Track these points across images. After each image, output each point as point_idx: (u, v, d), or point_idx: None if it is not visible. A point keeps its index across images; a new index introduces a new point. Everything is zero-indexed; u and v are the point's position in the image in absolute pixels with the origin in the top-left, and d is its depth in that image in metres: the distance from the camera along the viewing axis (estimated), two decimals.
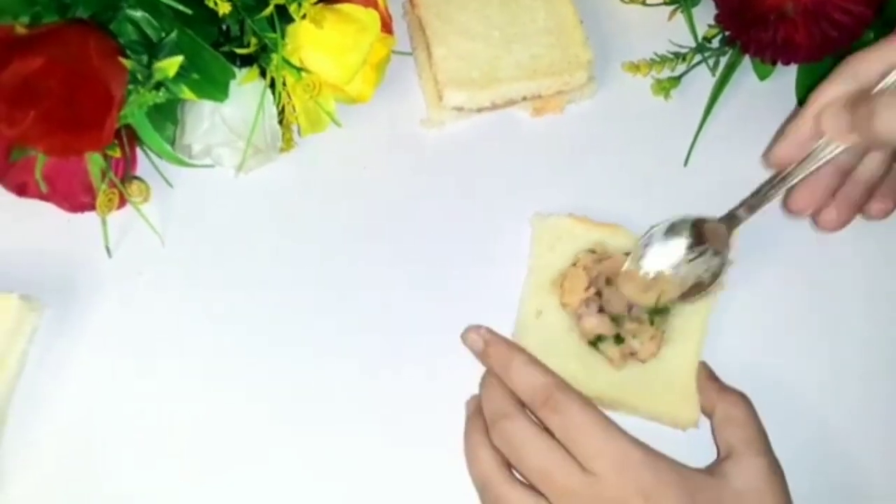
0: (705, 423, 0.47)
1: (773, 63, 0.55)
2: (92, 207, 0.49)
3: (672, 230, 0.49)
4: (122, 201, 0.50)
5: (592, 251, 0.50)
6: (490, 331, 0.47)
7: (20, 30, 0.42)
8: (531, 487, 0.42)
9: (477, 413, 0.45)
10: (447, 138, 0.55)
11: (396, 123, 0.55)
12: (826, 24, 0.52)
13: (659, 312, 0.48)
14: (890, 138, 0.42)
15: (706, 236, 0.48)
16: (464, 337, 0.48)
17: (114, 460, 0.47)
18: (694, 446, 0.45)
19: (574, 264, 0.49)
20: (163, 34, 0.46)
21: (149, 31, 0.46)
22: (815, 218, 0.49)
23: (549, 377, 0.44)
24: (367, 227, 0.53)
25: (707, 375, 0.47)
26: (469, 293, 0.51)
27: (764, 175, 0.53)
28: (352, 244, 0.52)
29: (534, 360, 0.45)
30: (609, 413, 0.43)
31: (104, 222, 0.50)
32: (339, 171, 0.54)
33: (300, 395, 0.48)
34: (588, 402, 0.43)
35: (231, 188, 0.53)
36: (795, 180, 0.46)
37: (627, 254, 0.49)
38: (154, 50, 0.45)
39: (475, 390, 0.48)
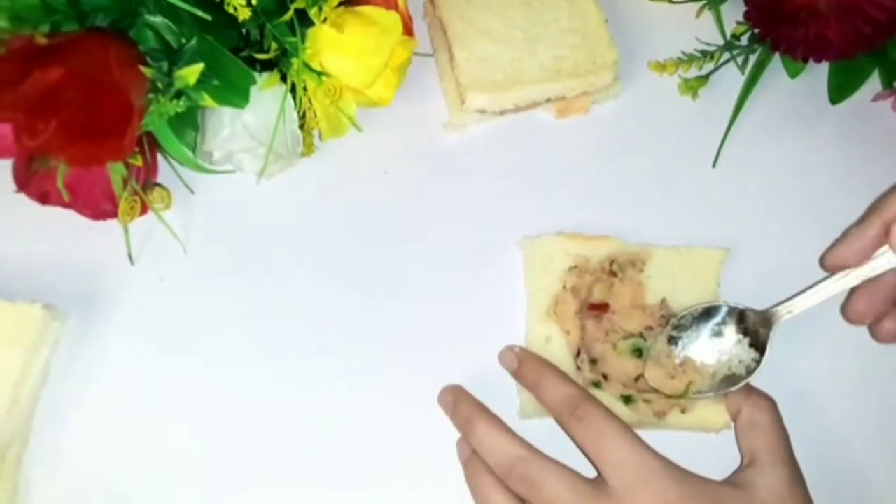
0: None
1: (805, 61, 0.53)
2: (114, 215, 0.49)
3: (707, 315, 0.46)
4: (144, 208, 0.50)
5: (574, 267, 0.49)
6: (524, 349, 0.47)
7: (40, 40, 0.41)
8: None
9: (475, 457, 0.44)
10: (469, 141, 0.55)
11: (418, 127, 0.55)
12: (860, 21, 0.50)
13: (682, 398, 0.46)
14: None
15: (744, 327, 0.46)
16: (500, 356, 0.48)
17: (137, 470, 0.46)
18: (716, 450, 0.45)
19: (564, 287, 0.48)
20: (183, 40, 0.46)
21: (168, 38, 0.46)
22: (872, 328, 0.48)
23: (578, 389, 0.44)
24: (388, 232, 0.52)
25: None
26: (492, 300, 0.50)
27: (794, 179, 0.53)
28: (374, 249, 0.51)
29: (564, 375, 0.45)
30: (638, 432, 0.43)
31: (126, 230, 0.50)
32: (361, 176, 0.53)
33: (321, 398, 0.48)
34: (613, 415, 0.43)
35: (252, 194, 0.52)
36: (851, 285, 0.45)
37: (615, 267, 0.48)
38: (174, 57, 0.45)
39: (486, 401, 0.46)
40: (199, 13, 0.44)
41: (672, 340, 0.46)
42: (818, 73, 0.55)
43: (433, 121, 0.55)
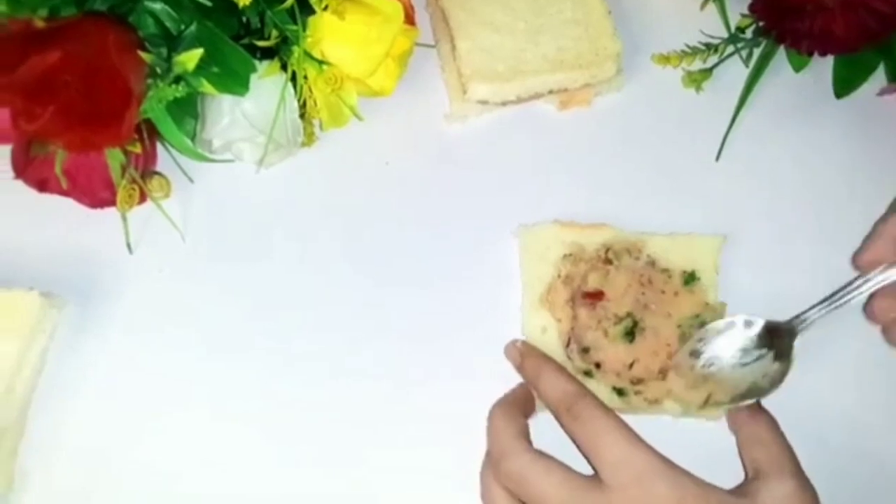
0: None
1: (810, 54, 0.53)
2: (112, 203, 0.48)
3: (730, 328, 0.46)
4: (143, 197, 0.49)
5: (569, 255, 0.48)
6: (526, 344, 0.47)
7: (38, 23, 0.41)
8: None
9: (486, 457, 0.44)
10: (471, 132, 0.54)
11: (419, 117, 0.54)
12: (865, 14, 0.50)
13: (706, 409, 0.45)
14: None
15: (769, 339, 0.45)
16: (506, 350, 0.47)
17: (134, 459, 0.46)
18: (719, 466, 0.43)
19: (558, 275, 0.48)
20: (182, 27, 0.45)
21: (168, 24, 0.45)
22: (887, 331, 0.47)
23: (575, 386, 0.43)
24: (388, 222, 0.52)
25: None
26: (493, 294, 0.50)
27: (798, 173, 0.52)
28: (373, 238, 0.51)
29: (563, 371, 0.45)
30: (634, 417, 0.42)
31: (124, 218, 0.49)
32: (361, 166, 0.53)
33: (321, 386, 0.48)
34: (611, 412, 0.42)
35: (252, 183, 0.52)
36: (874, 287, 0.44)
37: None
38: (173, 43, 0.45)
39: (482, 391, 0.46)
40: None
41: (694, 354, 0.45)
42: (823, 67, 0.54)
43: (434, 112, 0.54)
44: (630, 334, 0.46)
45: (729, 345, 0.45)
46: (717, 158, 0.54)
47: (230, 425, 0.47)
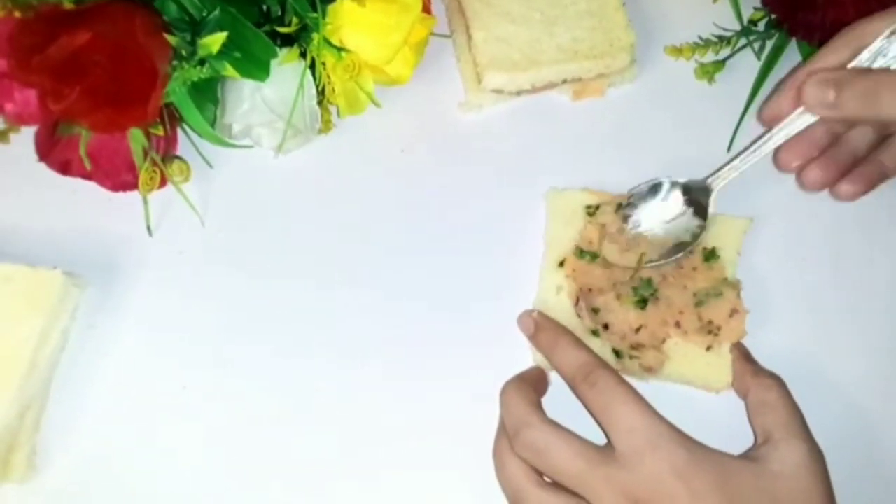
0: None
1: (821, 46, 0.53)
2: (134, 186, 0.49)
3: (654, 192, 0.50)
4: (163, 181, 0.50)
5: (588, 207, 0.50)
6: (542, 314, 0.48)
7: (67, 5, 0.42)
8: (563, 489, 0.42)
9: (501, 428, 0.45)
10: (485, 121, 0.55)
11: (434, 106, 0.55)
12: (877, 6, 0.50)
13: (639, 271, 0.48)
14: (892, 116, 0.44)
15: (687, 198, 0.50)
16: (519, 320, 0.48)
17: (152, 437, 0.47)
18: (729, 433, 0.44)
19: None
20: (205, 12, 0.46)
21: (191, 9, 0.46)
22: (799, 176, 0.50)
23: (591, 356, 0.44)
24: (404, 209, 0.52)
25: (742, 356, 0.47)
26: (505, 275, 0.50)
27: None
28: (389, 225, 0.52)
29: (579, 342, 0.45)
30: (640, 383, 0.43)
31: (145, 201, 0.50)
32: (377, 153, 0.54)
33: (342, 367, 0.48)
34: (626, 382, 0.43)
35: (270, 169, 0.53)
36: (779, 142, 0.49)
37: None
38: (197, 27, 0.45)
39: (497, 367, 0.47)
40: None
41: (625, 219, 0.50)
42: None
43: (450, 100, 0.55)
44: (643, 301, 0.47)
45: (653, 207, 0.50)
46: (729, 149, 0.54)
47: (246, 408, 0.48)
